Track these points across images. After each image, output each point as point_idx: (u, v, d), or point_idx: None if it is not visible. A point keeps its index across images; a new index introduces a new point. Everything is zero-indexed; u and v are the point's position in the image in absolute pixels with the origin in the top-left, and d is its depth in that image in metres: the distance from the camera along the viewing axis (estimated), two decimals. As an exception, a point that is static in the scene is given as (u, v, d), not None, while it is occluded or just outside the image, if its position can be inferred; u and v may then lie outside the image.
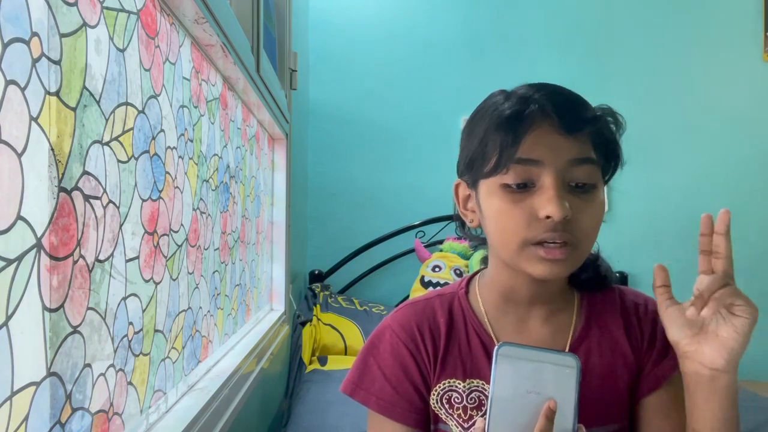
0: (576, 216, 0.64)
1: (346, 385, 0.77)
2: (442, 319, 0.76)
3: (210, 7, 0.87)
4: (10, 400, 0.45)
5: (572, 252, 0.65)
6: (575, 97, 0.69)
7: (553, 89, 0.68)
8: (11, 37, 0.45)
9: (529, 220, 0.65)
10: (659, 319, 0.75)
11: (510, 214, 0.66)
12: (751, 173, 2.67)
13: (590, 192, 0.66)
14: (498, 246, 0.70)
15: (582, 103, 0.68)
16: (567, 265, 0.66)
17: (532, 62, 2.67)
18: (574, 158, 0.65)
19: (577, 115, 0.66)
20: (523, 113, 0.65)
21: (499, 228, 0.68)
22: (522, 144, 0.64)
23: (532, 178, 0.65)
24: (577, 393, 0.57)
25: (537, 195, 0.65)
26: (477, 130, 0.70)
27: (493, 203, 0.68)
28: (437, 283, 2.27)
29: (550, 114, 0.65)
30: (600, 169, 0.68)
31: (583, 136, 0.66)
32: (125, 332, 0.69)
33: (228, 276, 1.26)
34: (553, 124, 0.65)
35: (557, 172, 0.64)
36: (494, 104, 0.69)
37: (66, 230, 0.54)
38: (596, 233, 0.68)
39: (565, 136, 0.65)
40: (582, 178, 0.66)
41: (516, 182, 0.65)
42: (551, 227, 0.64)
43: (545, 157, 0.64)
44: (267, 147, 1.76)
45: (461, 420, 0.72)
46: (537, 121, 0.65)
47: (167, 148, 0.83)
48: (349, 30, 2.71)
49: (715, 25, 2.71)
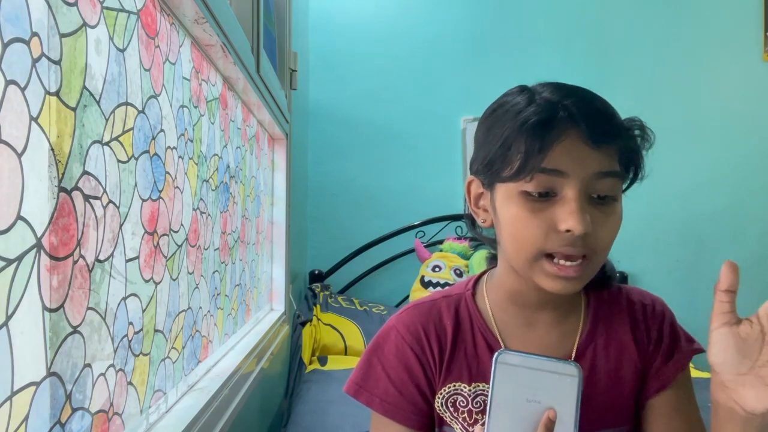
0: (595, 229, 0.63)
1: (349, 385, 0.76)
2: (448, 322, 0.74)
3: (210, 7, 0.87)
4: (10, 400, 0.45)
5: (586, 267, 0.64)
6: (605, 106, 0.66)
7: (583, 96, 0.65)
8: (11, 37, 0.45)
9: (548, 231, 0.63)
10: (666, 320, 0.75)
11: (528, 224, 0.64)
12: (751, 173, 2.67)
13: (611, 204, 0.65)
14: (510, 253, 0.68)
15: (612, 114, 0.66)
16: (580, 281, 0.65)
17: (533, 62, 2.67)
18: (600, 171, 0.63)
19: (606, 127, 0.63)
20: (552, 121, 0.62)
21: (515, 235, 0.66)
22: (549, 153, 0.61)
23: (554, 187, 0.63)
24: (577, 403, 0.56)
25: (558, 206, 0.63)
26: (497, 130, 0.66)
27: (510, 209, 0.65)
28: (437, 283, 2.27)
29: (579, 123, 0.62)
30: (623, 181, 0.66)
31: (611, 148, 0.63)
32: (125, 332, 0.69)
33: (228, 276, 1.26)
34: (581, 134, 0.62)
35: (581, 184, 0.62)
36: (517, 105, 0.66)
37: (66, 230, 0.54)
38: (612, 245, 0.66)
39: (592, 147, 0.62)
40: (605, 191, 0.64)
41: (537, 191, 0.63)
42: (570, 241, 0.62)
43: (571, 169, 0.62)
44: (267, 147, 1.76)
45: (466, 424, 0.71)
46: (566, 130, 0.62)
47: (167, 148, 0.83)
48: (349, 30, 2.71)
49: (715, 25, 2.70)
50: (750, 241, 2.64)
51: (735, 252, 2.63)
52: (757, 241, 2.64)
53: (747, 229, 2.65)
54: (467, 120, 2.66)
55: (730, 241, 2.66)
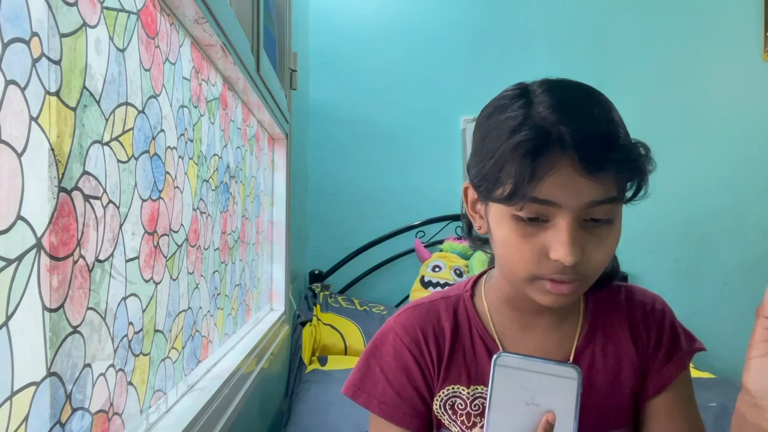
0: (588, 254, 0.61)
1: (347, 387, 0.76)
2: (446, 324, 0.74)
3: (210, 7, 0.87)
4: (10, 400, 0.45)
5: (580, 286, 0.63)
6: (603, 129, 0.61)
7: (583, 116, 0.61)
8: (11, 37, 0.45)
9: (539, 257, 0.61)
10: (666, 319, 0.74)
11: (519, 248, 0.62)
12: (751, 173, 2.67)
13: (608, 225, 0.62)
14: (505, 271, 0.68)
15: (612, 138, 0.60)
16: (574, 296, 0.64)
17: (533, 62, 2.67)
18: (594, 200, 0.60)
19: (604, 157, 0.59)
20: (543, 149, 0.59)
21: (506, 258, 0.65)
22: (541, 184, 0.59)
23: (546, 214, 0.61)
24: (577, 405, 0.55)
25: (550, 233, 0.61)
26: (490, 145, 0.63)
27: (502, 230, 0.64)
28: (437, 283, 2.27)
29: (573, 154, 0.58)
30: (621, 202, 0.63)
31: (608, 176, 0.59)
32: (125, 332, 0.69)
33: (228, 276, 1.26)
34: (575, 165, 0.58)
35: (574, 214, 0.60)
36: (511, 120, 0.62)
37: (66, 230, 0.53)
38: (608, 262, 0.65)
39: (585, 177, 0.58)
40: (600, 216, 0.61)
41: (528, 216, 0.61)
42: (560, 269, 0.61)
43: (564, 200, 0.59)
44: (267, 147, 1.76)
45: (464, 427, 0.71)
46: (559, 159, 0.58)
47: (167, 148, 0.83)
48: (349, 30, 2.71)
49: (715, 25, 2.70)
50: (750, 241, 2.64)
51: (735, 252, 2.63)
52: (757, 241, 2.64)
53: (747, 229, 2.65)
54: (467, 120, 2.66)
55: (730, 241, 2.66)
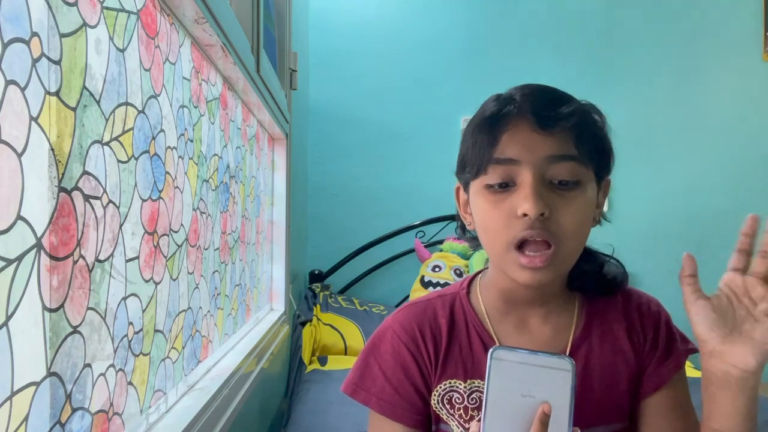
0: (556, 214, 0.64)
1: (346, 385, 0.77)
2: (443, 320, 0.76)
3: (210, 7, 0.87)
4: (10, 400, 0.45)
5: (554, 257, 0.64)
6: (555, 94, 0.68)
7: (536, 88, 0.68)
8: (11, 37, 0.45)
9: (509, 219, 0.65)
10: (661, 319, 0.76)
11: (492, 215, 0.66)
12: (751, 173, 2.67)
13: (573, 189, 0.65)
14: (486, 247, 0.70)
15: (560, 100, 0.67)
16: (549, 271, 0.65)
17: (533, 63, 2.67)
18: (551, 155, 0.64)
19: (552, 112, 0.65)
20: (500, 113, 0.66)
21: (484, 228, 0.69)
22: (499, 144, 0.65)
23: (512, 177, 0.65)
24: (572, 397, 0.57)
25: (516, 193, 0.65)
26: (467, 134, 0.71)
27: (478, 203, 0.69)
28: (437, 283, 2.27)
29: (525, 112, 0.65)
30: (586, 166, 0.66)
31: (562, 132, 0.65)
32: (125, 332, 0.69)
33: (228, 276, 1.26)
34: (528, 122, 0.65)
35: (534, 170, 0.64)
36: (482, 107, 0.70)
37: (66, 230, 0.54)
38: (582, 232, 0.67)
39: (540, 133, 0.64)
40: (563, 175, 0.65)
41: (497, 182, 0.65)
42: (529, 225, 0.63)
43: (521, 155, 0.64)
44: (267, 147, 1.76)
45: (462, 420, 0.72)
46: (512, 120, 0.65)
47: (167, 148, 0.83)
48: (349, 30, 2.71)
49: (715, 25, 2.71)
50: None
51: (735, 252, 2.63)
52: (757, 241, 2.64)
53: (747, 229, 2.65)
54: (467, 120, 2.65)
55: (730, 241, 2.63)
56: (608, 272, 0.77)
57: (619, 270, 0.77)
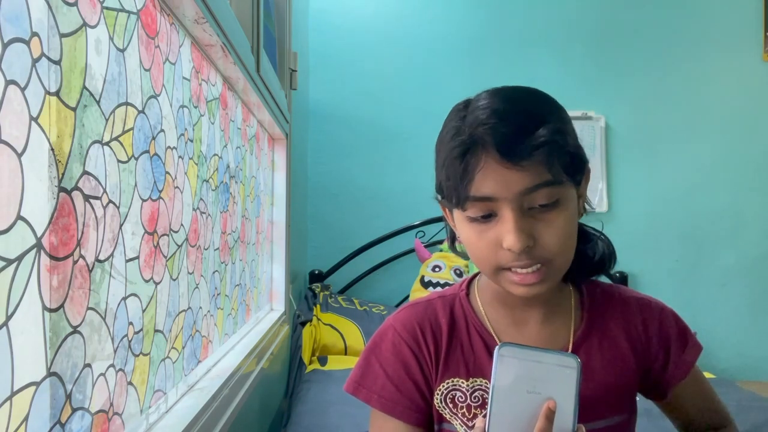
0: (541, 240, 0.64)
1: (348, 384, 0.78)
2: (443, 320, 0.77)
3: (210, 7, 0.88)
4: (10, 400, 0.45)
5: (547, 270, 0.65)
6: (519, 120, 0.64)
7: (499, 113, 0.64)
8: (11, 37, 0.45)
9: (496, 249, 0.65)
10: (666, 314, 0.78)
11: (478, 244, 0.67)
12: (751, 173, 2.67)
13: (554, 208, 0.64)
14: (477, 267, 0.72)
15: (525, 127, 0.63)
16: (544, 283, 0.66)
17: (533, 62, 2.67)
18: (525, 188, 0.62)
19: (520, 144, 0.62)
20: (470, 150, 0.63)
21: (472, 255, 0.70)
22: (473, 183, 0.63)
23: (492, 209, 0.64)
24: (577, 393, 0.57)
25: (499, 225, 0.64)
26: (439, 157, 0.69)
27: (463, 231, 0.69)
28: (437, 283, 2.27)
29: (492, 149, 0.62)
30: (562, 184, 0.64)
31: (533, 162, 0.62)
32: (125, 332, 0.69)
33: (228, 276, 1.26)
34: (497, 157, 0.62)
35: (512, 204, 0.63)
36: (449, 132, 0.67)
37: (66, 230, 0.54)
38: (570, 243, 0.67)
39: (511, 168, 0.62)
40: (542, 200, 0.64)
41: (479, 215, 0.65)
42: (516, 257, 0.64)
43: (497, 192, 0.63)
44: (267, 147, 1.76)
45: (465, 419, 0.73)
46: (482, 157, 0.63)
47: (167, 148, 0.83)
48: (349, 30, 2.71)
49: (715, 25, 2.71)
50: (750, 241, 2.64)
51: (735, 252, 2.63)
52: (757, 241, 2.64)
53: (747, 229, 2.65)
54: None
55: (730, 241, 2.66)
56: (589, 251, 0.77)
57: (608, 249, 0.77)
